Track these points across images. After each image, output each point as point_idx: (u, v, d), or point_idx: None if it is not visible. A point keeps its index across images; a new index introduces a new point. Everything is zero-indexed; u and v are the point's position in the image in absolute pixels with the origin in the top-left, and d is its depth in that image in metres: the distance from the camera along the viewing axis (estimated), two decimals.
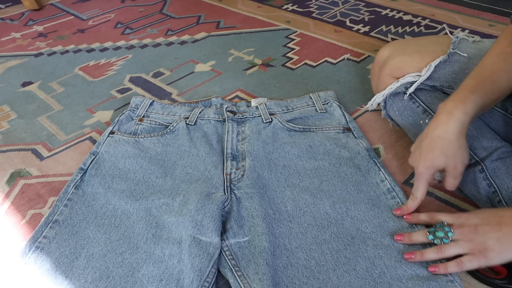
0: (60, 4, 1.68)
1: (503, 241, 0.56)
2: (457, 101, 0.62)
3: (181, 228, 0.67)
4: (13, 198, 0.80)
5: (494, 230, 0.56)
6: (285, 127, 0.86)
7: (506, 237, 0.56)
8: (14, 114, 1.04)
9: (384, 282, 0.59)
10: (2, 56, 1.31)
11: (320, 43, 1.27)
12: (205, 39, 1.34)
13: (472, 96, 0.62)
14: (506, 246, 0.55)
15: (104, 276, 0.62)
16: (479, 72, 0.65)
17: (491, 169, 0.67)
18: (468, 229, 0.58)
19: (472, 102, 0.61)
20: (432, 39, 0.87)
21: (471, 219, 0.59)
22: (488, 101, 0.63)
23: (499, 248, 0.56)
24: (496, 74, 0.64)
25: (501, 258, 0.56)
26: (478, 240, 0.57)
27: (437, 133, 0.62)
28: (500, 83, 0.64)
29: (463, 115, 0.61)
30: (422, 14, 1.40)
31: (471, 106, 0.61)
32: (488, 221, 0.58)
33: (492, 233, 0.56)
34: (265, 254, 0.62)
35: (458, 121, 0.61)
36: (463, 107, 0.61)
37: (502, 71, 0.64)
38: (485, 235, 0.57)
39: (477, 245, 0.57)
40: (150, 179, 0.78)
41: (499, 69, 0.64)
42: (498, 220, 0.57)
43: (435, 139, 0.62)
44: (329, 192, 0.73)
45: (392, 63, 0.81)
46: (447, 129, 0.61)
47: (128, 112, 0.93)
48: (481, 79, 0.64)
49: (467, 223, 0.59)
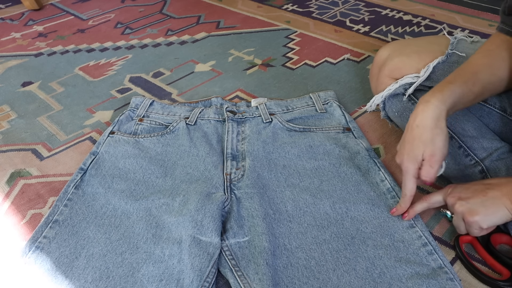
0: (60, 4, 1.68)
1: (487, 204, 0.58)
2: (435, 90, 0.62)
3: (181, 228, 0.67)
4: (13, 198, 0.80)
5: (479, 196, 0.59)
6: (285, 127, 0.86)
7: (491, 201, 0.58)
8: (14, 114, 1.04)
9: (384, 282, 0.59)
10: (2, 56, 1.31)
11: (320, 43, 1.27)
12: (205, 39, 1.34)
13: (450, 85, 0.62)
14: (491, 210, 0.58)
15: (104, 276, 0.62)
16: (461, 67, 0.67)
17: (491, 169, 0.67)
18: (452, 198, 0.61)
19: (450, 90, 0.61)
20: (431, 40, 0.87)
21: (457, 188, 0.62)
22: (469, 93, 0.63)
23: (484, 211, 0.58)
24: (478, 67, 0.65)
25: (488, 221, 0.58)
26: (463, 206, 0.59)
27: (416, 123, 0.62)
28: (481, 76, 0.64)
29: (440, 102, 0.61)
30: (422, 14, 1.40)
31: (449, 94, 0.61)
32: (474, 188, 0.60)
33: (476, 198, 0.59)
34: (265, 254, 0.62)
35: (435, 108, 0.61)
36: (440, 95, 0.61)
37: (484, 65, 0.65)
38: (469, 201, 0.59)
39: (464, 210, 0.59)
40: (150, 179, 0.78)
41: (482, 63, 0.65)
42: (485, 187, 0.59)
43: (414, 129, 0.62)
44: (329, 192, 0.73)
45: (391, 64, 0.81)
46: (425, 116, 0.61)
47: (128, 112, 0.93)
48: (462, 72, 0.65)
49: (453, 192, 0.62)
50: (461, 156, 0.70)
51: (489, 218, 0.58)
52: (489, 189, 0.59)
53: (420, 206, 0.65)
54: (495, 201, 0.58)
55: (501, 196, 0.57)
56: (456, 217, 0.62)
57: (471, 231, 0.60)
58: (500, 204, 0.57)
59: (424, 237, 0.65)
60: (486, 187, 0.59)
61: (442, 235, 0.68)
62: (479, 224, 0.58)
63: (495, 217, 0.58)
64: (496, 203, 0.57)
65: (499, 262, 0.61)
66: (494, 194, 0.58)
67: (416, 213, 0.66)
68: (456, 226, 0.64)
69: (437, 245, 0.64)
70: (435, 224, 0.69)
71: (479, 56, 0.67)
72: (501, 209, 0.57)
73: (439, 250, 0.63)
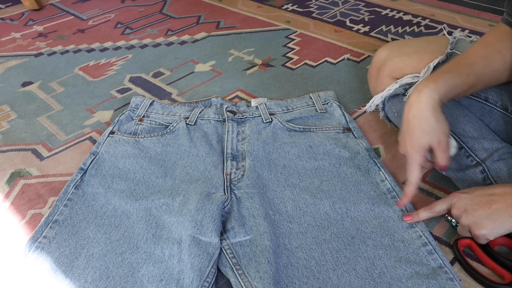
0: (60, 4, 1.68)
1: (493, 217, 0.58)
2: (428, 80, 0.63)
3: (181, 228, 0.67)
4: (13, 198, 0.80)
5: (484, 208, 0.59)
6: (285, 127, 0.86)
7: (496, 214, 0.58)
8: (14, 114, 1.04)
9: (384, 282, 0.59)
10: (2, 56, 1.31)
11: (320, 43, 1.27)
12: (205, 39, 1.34)
13: (444, 75, 0.63)
14: (497, 222, 0.58)
15: (104, 276, 0.62)
16: (457, 58, 0.67)
17: (492, 170, 0.67)
18: (458, 210, 0.61)
19: (443, 80, 0.62)
20: (430, 40, 0.87)
21: (462, 199, 0.62)
22: (463, 84, 0.63)
23: (491, 225, 0.58)
24: (473, 59, 0.65)
25: (495, 234, 0.59)
26: (469, 220, 0.59)
27: (412, 114, 0.63)
28: (476, 67, 0.64)
29: (433, 92, 0.61)
30: (422, 14, 1.40)
31: (442, 84, 0.62)
32: (479, 200, 0.60)
33: (482, 211, 0.59)
34: (267, 253, 0.62)
35: (429, 97, 0.61)
36: (433, 84, 0.62)
37: (479, 57, 0.65)
38: (475, 214, 0.59)
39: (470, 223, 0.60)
40: (150, 179, 0.78)
41: (477, 55, 0.66)
42: (489, 198, 0.59)
43: (411, 120, 0.63)
44: (329, 192, 0.73)
45: (391, 63, 0.81)
46: (420, 107, 0.62)
47: (128, 112, 0.93)
48: (457, 63, 0.65)
49: (458, 204, 0.62)
50: (462, 157, 0.70)
51: (496, 231, 0.58)
52: (494, 201, 0.58)
53: (425, 214, 0.66)
54: (501, 213, 0.58)
55: (506, 207, 0.57)
56: (462, 228, 0.63)
57: (478, 241, 0.61)
58: (506, 216, 0.57)
59: (424, 237, 0.65)
60: (491, 198, 0.59)
61: (442, 235, 0.68)
62: (486, 237, 0.59)
63: (501, 229, 0.58)
64: (501, 215, 0.57)
65: (500, 265, 0.61)
66: (499, 206, 0.58)
67: (420, 219, 0.66)
68: (461, 234, 0.64)
69: (437, 245, 0.64)
70: (435, 224, 0.69)
71: (476, 48, 0.67)
72: (507, 221, 0.57)
73: (439, 250, 0.63)
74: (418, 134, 0.62)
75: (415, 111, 0.62)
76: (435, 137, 0.62)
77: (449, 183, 0.76)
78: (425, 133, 0.62)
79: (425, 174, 0.79)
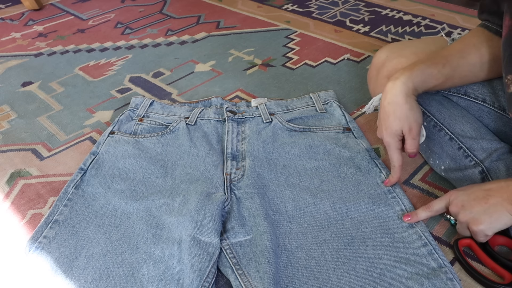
0: (60, 4, 1.68)
1: (490, 212, 0.58)
2: (405, 69, 0.66)
3: (181, 228, 0.67)
4: (13, 198, 0.80)
5: (481, 204, 0.59)
6: (285, 127, 0.87)
7: (493, 208, 0.58)
8: (14, 114, 1.04)
9: (384, 282, 0.59)
10: (2, 56, 1.31)
11: (320, 43, 1.27)
12: (205, 39, 1.34)
13: (420, 65, 0.66)
14: (494, 217, 0.58)
15: (104, 276, 0.62)
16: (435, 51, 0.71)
17: (491, 170, 0.67)
18: (455, 207, 0.62)
19: (419, 70, 0.65)
20: (429, 41, 0.88)
21: (459, 196, 0.62)
22: (438, 74, 0.66)
23: (488, 219, 0.58)
24: (449, 51, 0.69)
25: (493, 229, 0.59)
26: (467, 216, 0.60)
27: (387, 101, 0.66)
28: (451, 58, 0.67)
29: (408, 80, 0.65)
30: (422, 14, 1.40)
31: (417, 74, 0.65)
32: (475, 195, 0.61)
33: (479, 207, 0.59)
34: (267, 253, 0.62)
35: (403, 85, 0.65)
36: (409, 73, 0.65)
37: (455, 50, 0.69)
38: (472, 210, 0.60)
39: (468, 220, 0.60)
40: (150, 179, 0.78)
41: (454, 48, 0.69)
42: (485, 193, 0.60)
43: (386, 106, 0.67)
44: (329, 192, 0.73)
45: (390, 65, 0.81)
46: (394, 93, 0.65)
47: (128, 112, 0.93)
48: (434, 55, 0.69)
49: (455, 201, 0.62)
50: (461, 157, 0.70)
51: (493, 226, 0.59)
52: (490, 195, 0.59)
53: (424, 213, 0.66)
54: (497, 208, 0.58)
55: (502, 201, 0.58)
56: (460, 226, 0.63)
57: (477, 238, 0.61)
58: (502, 210, 0.58)
59: (424, 237, 0.65)
60: (487, 193, 0.60)
61: (442, 235, 0.68)
62: (484, 232, 0.59)
63: (499, 223, 0.58)
64: (498, 210, 0.58)
65: (500, 265, 0.61)
66: (496, 201, 0.58)
67: (419, 220, 0.67)
68: (460, 232, 0.64)
69: (437, 245, 0.64)
70: (435, 224, 0.69)
71: (454, 44, 0.71)
72: (504, 215, 0.58)
73: (439, 250, 0.63)
74: (392, 120, 0.66)
75: (390, 98, 0.66)
76: (406, 124, 0.66)
77: (449, 183, 0.76)
78: (397, 119, 0.66)
79: (425, 174, 0.79)
